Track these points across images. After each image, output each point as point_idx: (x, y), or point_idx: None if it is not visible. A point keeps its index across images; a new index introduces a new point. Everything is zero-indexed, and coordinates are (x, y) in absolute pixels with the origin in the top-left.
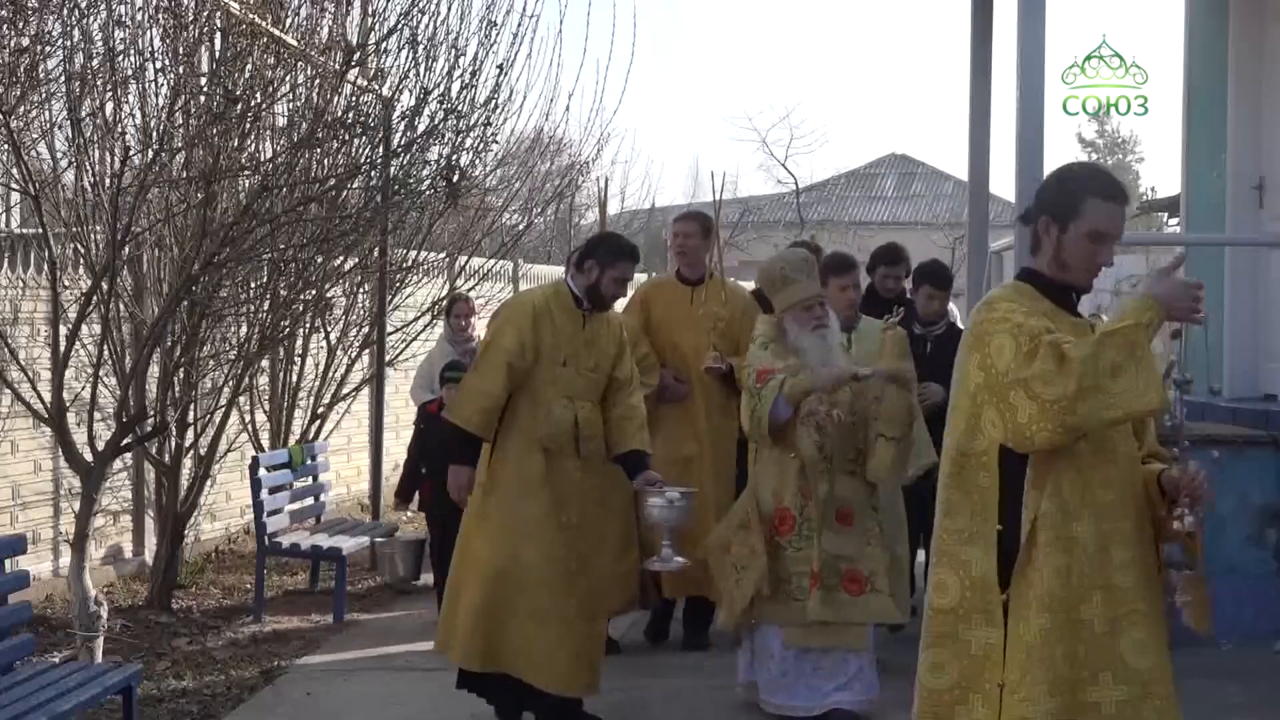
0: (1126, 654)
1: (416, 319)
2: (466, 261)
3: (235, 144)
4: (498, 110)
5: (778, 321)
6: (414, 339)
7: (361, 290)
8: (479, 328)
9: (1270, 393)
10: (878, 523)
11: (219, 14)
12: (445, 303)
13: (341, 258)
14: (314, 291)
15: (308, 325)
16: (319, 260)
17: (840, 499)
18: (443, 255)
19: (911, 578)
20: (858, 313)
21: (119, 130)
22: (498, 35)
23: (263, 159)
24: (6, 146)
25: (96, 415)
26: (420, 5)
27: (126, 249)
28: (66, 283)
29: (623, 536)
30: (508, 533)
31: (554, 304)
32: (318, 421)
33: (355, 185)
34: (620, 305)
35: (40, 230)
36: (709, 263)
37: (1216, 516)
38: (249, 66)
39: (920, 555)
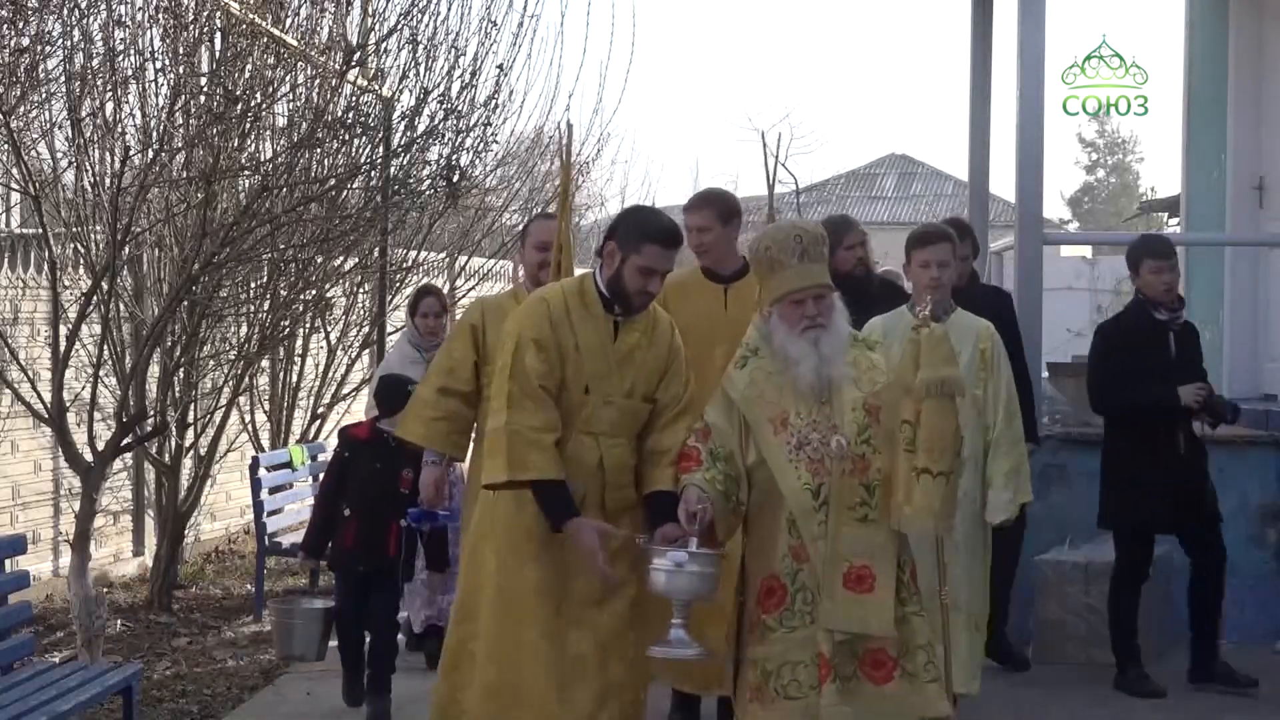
0: None
1: None
2: (467, 261)
3: (235, 144)
4: (498, 110)
5: (764, 320)
6: None
7: (361, 290)
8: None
9: (1270, 393)
10: (910, 580)
11: (219, 14)
12: (411, 297)
13: (341, 258)
14: (314, 291)
15: (308, 325)
16: (319, 260)
17: (847, 557)
18: (443, 255)
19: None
20: (949, 299)
21: (119, 130)
22: (498, 35)
23: (263, 159)
24: (6, 146)
25: (96, 415)
26: (420, 5)
27: (126, 249)
28: (66, 283)
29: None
30: (505, 603)
31: (576, 306)
32: (318, 421)
33: (355, 185)
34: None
35: (40, 230)
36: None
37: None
38: (249, 66)
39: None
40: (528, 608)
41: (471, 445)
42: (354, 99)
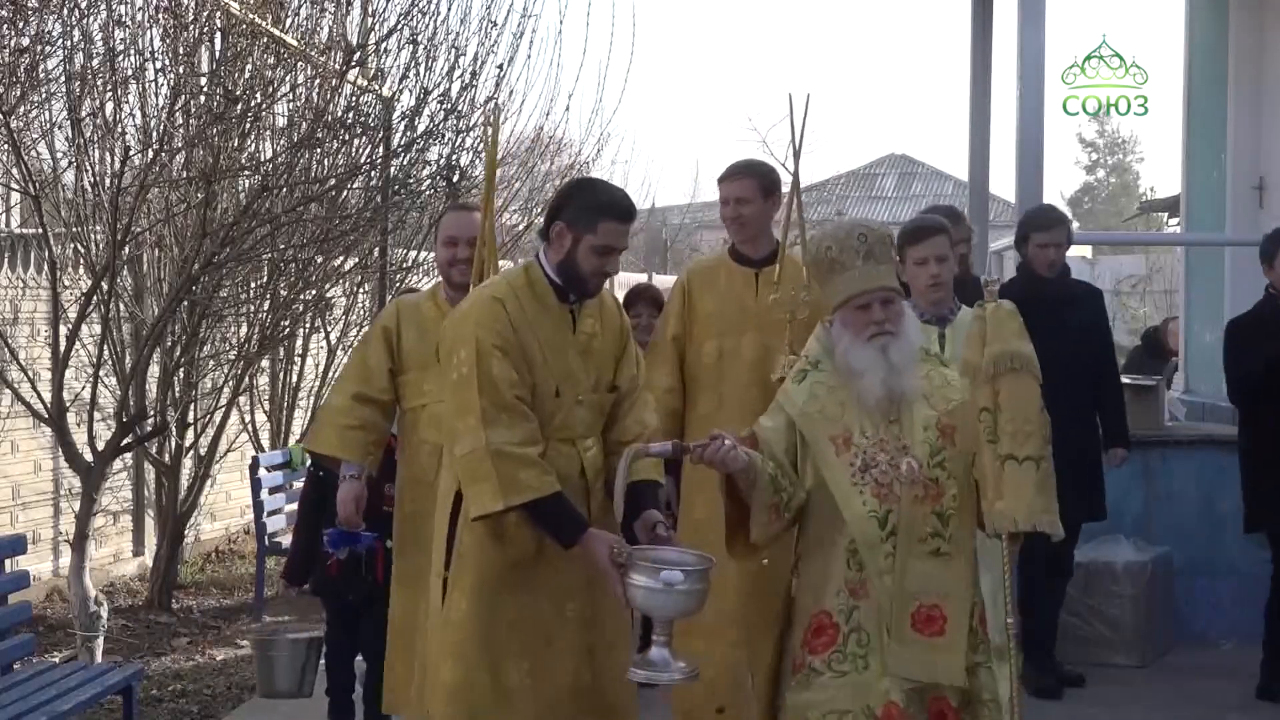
0: None
1: None
2: None
3: (235, 144)
4: (498, 110)
5: (826, 329)
6: None
7: (361, 290)
8: None
9: None
10: (979, 625)
11: (219, 14)
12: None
13: (341, 258)
14: (314, 291)
15: (308, 325)
16: (319, 260)
17: (917, 595)
18: None
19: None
20: (952, 297)
21: (119, 130)
22: (498, 35)
23: (263, 159)
24: (6, 146)
25: (96, 415)
26: (420, 5)
27: (126, 249)
28: (66, 283)
29: None
30: (482, 647)
31: (529, 301)
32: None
33: (355, 185)
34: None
35: (40, 230)
36: (785, 236)
37: (1216, 516)
38: (249, 66)
39: None
40: (514, 645)
41: (401, 468)
42: (354, 99)
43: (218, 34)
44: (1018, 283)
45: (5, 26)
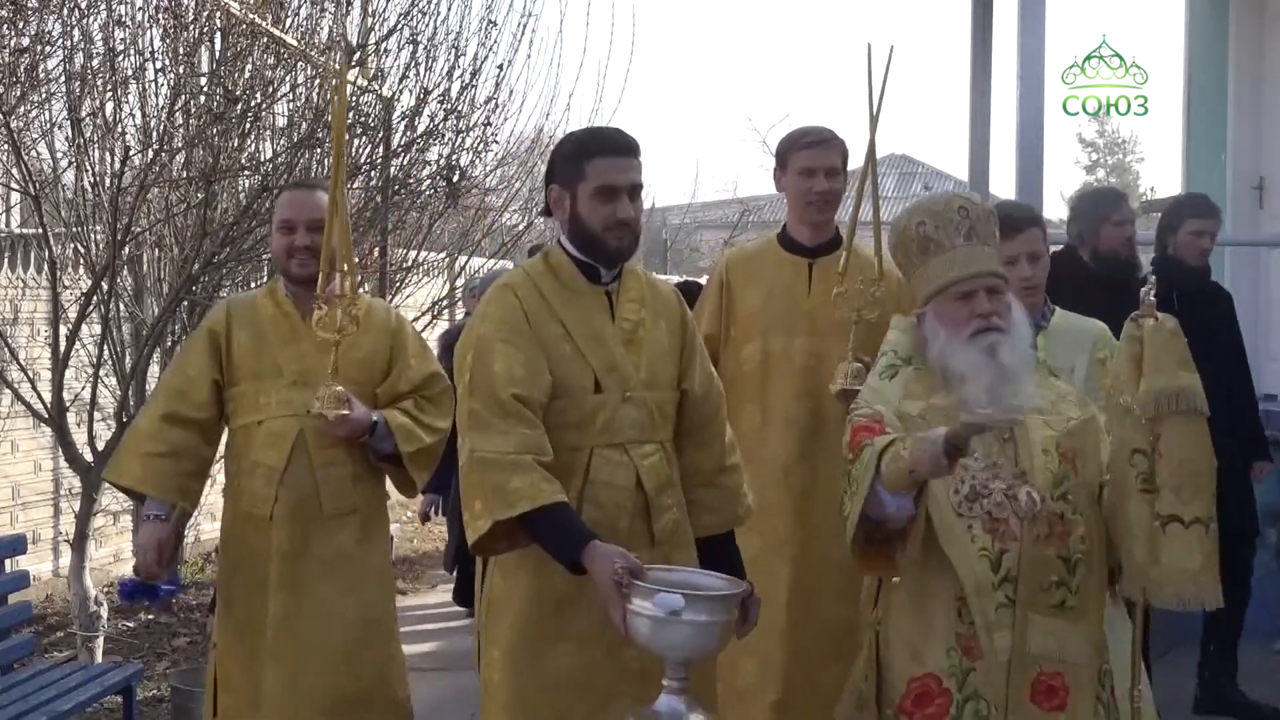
0: None
1: (416, 319)
2: (467, 261)
3: (235, 144)
4: (498, 110)
5: (917, 323)
6: None
7: (361, 290)
8: None
9: (1270, 393)
10: (1110, 697)
11: (219, 14)
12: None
13: None
14: None
15: None
16: None
17: (1038, 659)
18: (443, 255)
19: None
20: (1045, 301)
21: (119, 130)
22: (498, 35)
23: (263, 159)
24: (6, 146)
25: (96, 415)
26: (420, 5)
27: (126, 249)
28: (66, 283)
29: None
30: (525, 715)
31: (551, 286)
32: None
33: (355, 185)
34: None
35: (40, 230)
36: (853, 219)
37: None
38: (249, 66)
39: None
40: (563, 708)
41: (227, 501)
42: (354, 99)
43: (218, 34)
44: (1090, 267)
45: (5, 26)
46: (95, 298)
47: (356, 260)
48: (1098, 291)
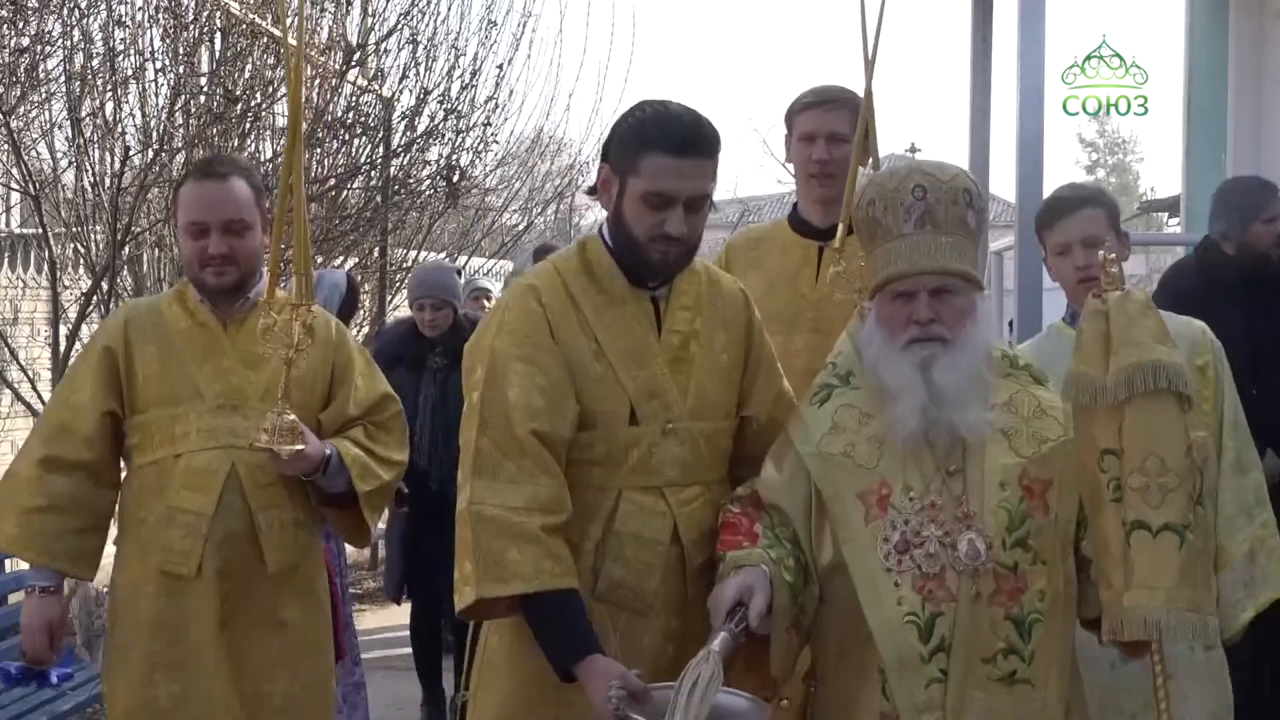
0: None
1: None
2: (467, 261)
3: (235, 144)
4: (498, 110)
5: (860, 323)
6: None
7: (361, 290)
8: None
9: None
10: None
11: (219, 14)
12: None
13: (341, 258)
14: None
15: None
16: (319, 260)
17: None
18: (443, 255)
19: None
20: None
21: (119, 130)
22: (498, 35)
23: (263, 159)
24: (6, 146)
25: None
26: (420, 5)
27: (126, 249)
28: (66, 283)
29: None
30: None
31: (584, 288)
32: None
33: (355, 185)
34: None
35: (40, 230)
36: (850, 184)
37: None
38: (249, 66)
39: None
40: None
41: (130, 554)
42: (354, 99)
43: (218, 34)
44: (1235, 264)
45: (5, 26)
46: (95, 298)
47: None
48: (1239, 290)
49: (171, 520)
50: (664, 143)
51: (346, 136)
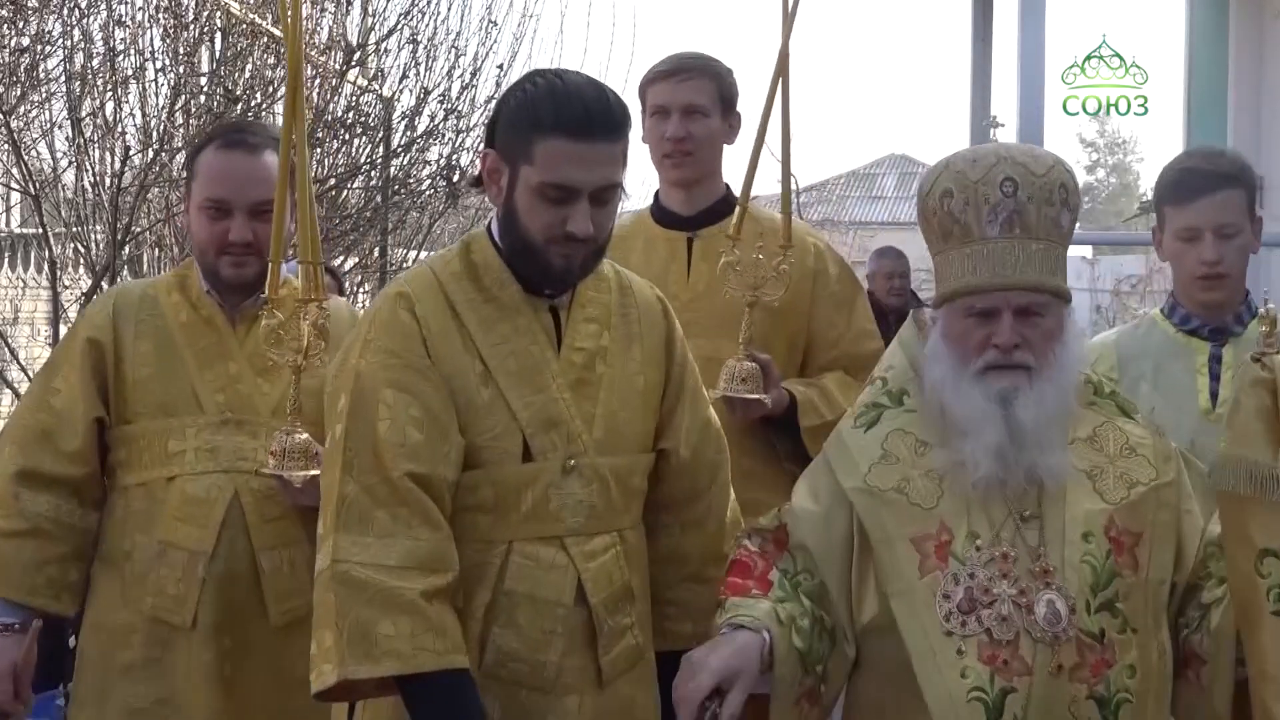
0: None
1: None
2: None
3: None
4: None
5: (918, 330)
6: None
7: (361, 290)
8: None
9: None
10: None
11: (219, 14)
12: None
13: (341, 258)
14: None
15: None
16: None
17: None
18: None
19: None
20: (1243, 298)
21: (119, 130)
22: (498, 35)
23: None
24: (6, 146)
25: None
26: (420, 5)
27: (126, 249)
28: (66, 283)
29: None
30: None
31: (465, 295)
32: None
33: (355, 185)
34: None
35: (40, 230)
36: (751, 165)
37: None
38: (249, 66)
39: None
40: None
41: (104, 591)
42: (354, 99)
43: (218, 34)
44: None
45: (5, 26)
46: (95, 297)
47: (355, 261)
48: None
49: (162, 557)
50: (562, 124)
51: (346, 136)
